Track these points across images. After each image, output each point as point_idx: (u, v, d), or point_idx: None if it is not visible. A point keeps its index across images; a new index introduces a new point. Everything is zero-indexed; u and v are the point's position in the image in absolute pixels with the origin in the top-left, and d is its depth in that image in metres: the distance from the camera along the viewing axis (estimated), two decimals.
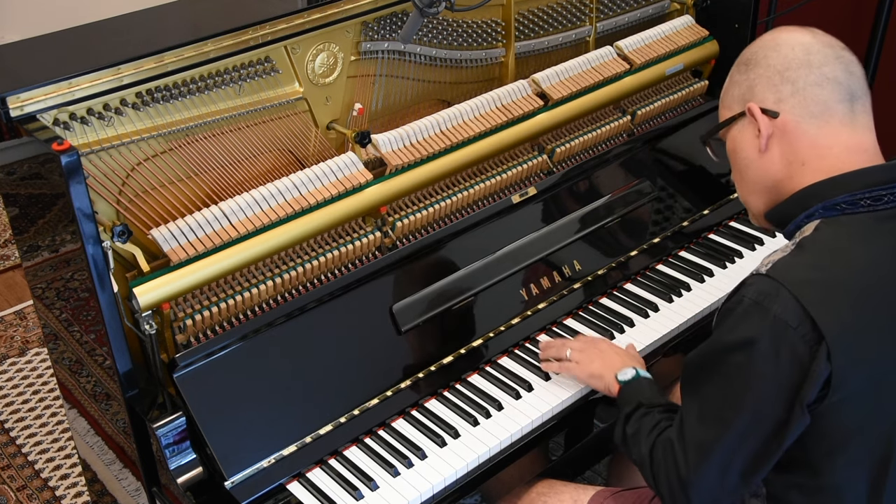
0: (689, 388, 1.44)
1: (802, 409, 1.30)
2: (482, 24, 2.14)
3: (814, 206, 1.39)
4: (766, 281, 1.33)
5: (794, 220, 1.43)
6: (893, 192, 1.36)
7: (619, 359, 1.74)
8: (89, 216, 1.49)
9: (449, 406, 1.80)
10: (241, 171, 1.83)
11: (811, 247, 1.36)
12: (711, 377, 1.38)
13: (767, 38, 1.47)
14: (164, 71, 1.68)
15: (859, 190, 1.36)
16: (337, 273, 1.83)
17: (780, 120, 1.41)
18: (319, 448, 1.69)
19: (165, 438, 1.59)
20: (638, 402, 1.59)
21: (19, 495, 2.68)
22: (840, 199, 1.37)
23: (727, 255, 2.16)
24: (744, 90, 1.46)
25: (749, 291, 1.34)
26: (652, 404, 1.58)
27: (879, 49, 3.14)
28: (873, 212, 1.36)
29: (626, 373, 1.68)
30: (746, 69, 1.47)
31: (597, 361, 1.75)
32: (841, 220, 1.37)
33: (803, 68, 1.40)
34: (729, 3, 2.45)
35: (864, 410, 1.33)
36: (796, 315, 1.28)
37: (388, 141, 1.91)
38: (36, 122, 1.56)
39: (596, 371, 1.74)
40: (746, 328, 1.32)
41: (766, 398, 1.32)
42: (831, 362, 1.28)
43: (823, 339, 1.27)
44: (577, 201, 2.13)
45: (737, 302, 1.36)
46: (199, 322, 1.67)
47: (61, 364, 2.07)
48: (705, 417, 1.39)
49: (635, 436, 1.54)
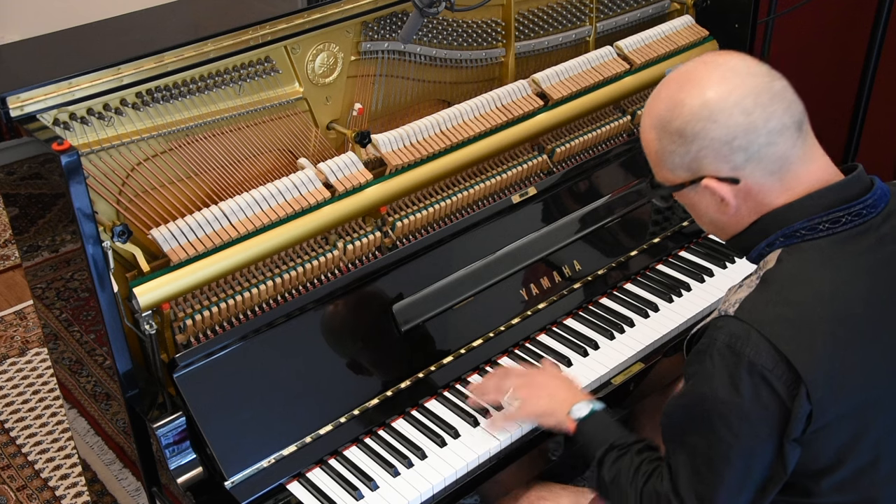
0: (675, 438, 1.40)
1: (791, 443, 1.29)
2: (482, 24, 2.14)
3: (773, 233, 1.37)
4: (735, 323, 1.30)
5: (756, 247, 1.40)
6: (851, 211, 1.34)
7: (567, 393, 1.66)
8: (89, 216, 1.49)
9: (449, 406, 1.79)
10: (241, 171, 1.83)
11: (775, 281, 1.34)
12: (697, 429, 1.35)
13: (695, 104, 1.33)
14: (164, 71, 1.68)
15: (817, 214, 1.34)
16: (337, 273, 1.83)
17: (742, 185, 1.36)
18: (319, 448, 1.69)
19: (165, 438, 1.59)
20: (609, 444, 1.52)
21: (19, 495, 2.68)
22: (798, 226, 1.34)
23: (727, 255, 2.16)
24: (688, 161, 1.36)
25: (720, 335, 1.32)
26: (624, 444, 1.52)
27: (879, 49, 3.14)
28: (832, 234, 1.33)
29: (580, 409, 1.60)
30: (683, 141, 1.35)
31: (543, 398, 1.66)
32: (802, 247, 1.34)
33: (750, 134, 1.31)
34: (729, 3, 2.45)
35: (847, 434, 1.32)
36: (770, 357, 1.27)
37: (388, 141, 1.91)
38: (36, 122, 1.56)
39: (544, 409, 1.65)
40: (723, 375, 1.30)
41: (755, 441, 1.30)
42: (811, 400, 1.26)
43: (801, 378, 1.26)
44: (577, 201, 2.13)
45: (708, 345, 1.33)
46: (199, 322, 1.67)
47: (61, 364, 2.07)
48: (699, 470, 1.35)
49: (615, 482, 1.48)
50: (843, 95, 3.29)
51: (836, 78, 3.30)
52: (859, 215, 1.34)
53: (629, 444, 1.52)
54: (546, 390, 1.68)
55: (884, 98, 3.24)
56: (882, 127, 3.30)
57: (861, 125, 3.26)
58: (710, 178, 1.36)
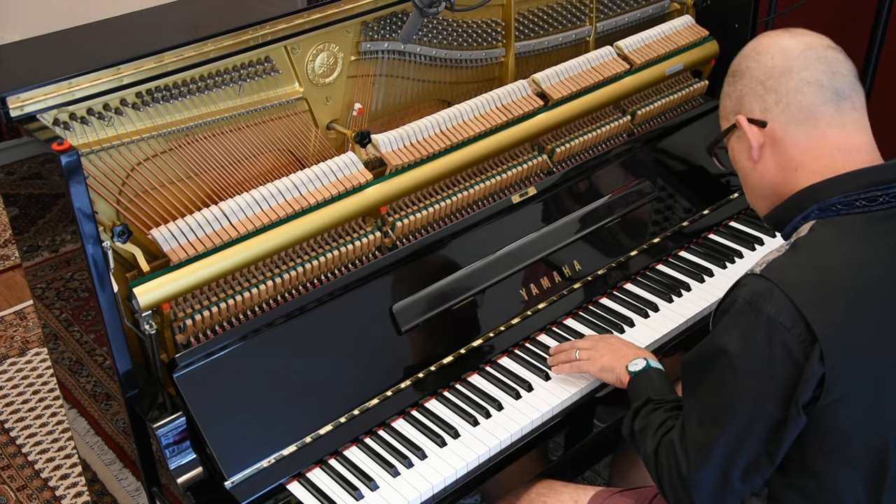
0: (688, 389, 1.45)
1: (798, 410, 1.30)
2: (482, 24, 2.14)
3: (809, 207, 1.40)
4: (760, 281, 1.33)
5: (791, 221, 1.43)
6: (889, 192, 1.36)
7: (630, 350, 1.76)
8: (89, 216, 1.49)
9: (449, 406, 1.80)
10: (241, 171, 1.83)
11: (805, 247, 1.37)
12: (707, 378, 1.39)
13: (750, 46, 1.48)
14: (164, 71, 1.68)
15: (854, 191, 1.37)
16: (337, 273, 1.83)
17: (768, 129, 1.42)
18: (319, 448, 1.69)
19: (165, 438, 1.59)
20: (647, 398, 1.60)
21: (19, 495, 2.68)
22: (835, 201, 1.37)
23: (727, 255, 2.16)
24: (734, 101, 1.47)
25: (743, 292, 1.34)
26: (661, 400, 1.58)
27: (879, 49, 3.14)
28: (868, 212, 1.36)
29: (637, 363, 1.69)
30: (734, 80, 1.48)
31: (607, 355, 1.77)
32: (836, 220, 1.37)
33: (784, 76, 1.40)
34: (729, 3, 2.45)
35: (860, 413, 1.33)
36: (790, 316, 1.29)
37: (388, 141, 1.91)
38: (36, 122, 1.56)
39: (607, 364, 1.75)
40: (740, 329, 1.33)
41: (760, 399, 1.32)
42: (824, 363, 1.28)
43: (817, 340, 1.27)
44: (577, 201, 2.13)
45: (731, 303, 1.36)
46: (199, 322, 1.67)
47: (61, 364, 2.07)
48: (703, 419, 1.39)
49: (643, 432, 1.55)
50: None
51: None
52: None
53: (665, 401, 1.58)
54: (611, 349, 1.78)
55: (884, 98, 3.24)
56: (882, 127, 3.29)
57: None
58: (743, 116, 1.44)
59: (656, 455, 1.48)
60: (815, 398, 1.30)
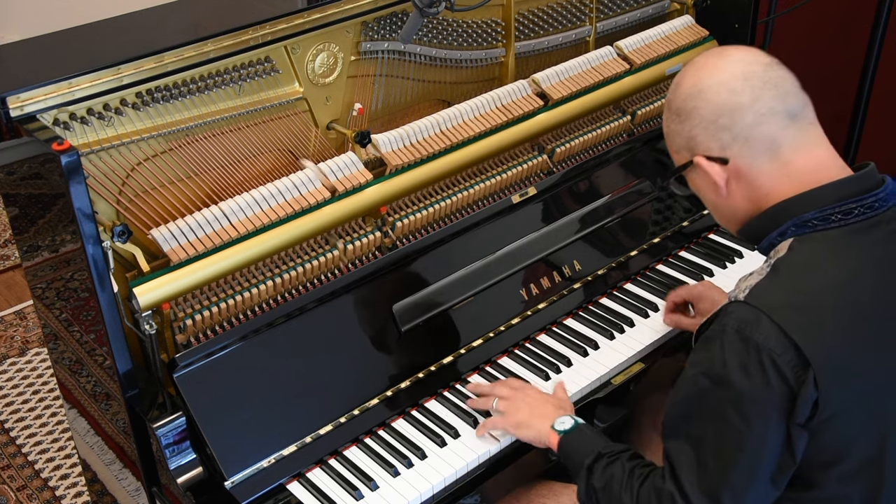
0: (677, 431, 1.39)
1: (796, 427, 1.29)
2: (482, 24, 2.14)
3: (785, 223, 1.38)
4: (746, 308, 1.31)
5: (767, 236, 1.41)
6: (863, 203, 1.35)
7: (549, 408, 1.67)
8: (89, 216, 1.49)
9: (449, 406, 1.80)
10: (241, 171, 1.83)
11: (786, 268, 1.35)
12: (704, 417, 1.34)
13: (689, 83, 1.42)
14: (164, 71, 1.68)
15: (829, 205, 1.35)
16: (337, 273, 1.83)
17: (731, 165, 1.40)
18: (319, 448, 1.69)
19: (165, 438, 1.59)
20: (597, 452, 1.52)
21: (19, 495, 2.68)
22: (810, 216, 1.36)
23: (727, 255, 2.16)
24: (685, 140, 1.43)
25: (730, 320, 1.32)
26: (613, 452, 1.51)
27: (879, 49, 3.14)
28: (845, 226, 1.35)
29: (564, 422, 1.61)
30: (680, 120, 1.43)
31: (523, 410, 1.68)
32: (814, 236, 1.36)
33: (736, 112, 1.37)
34: (729, 3, 2.45)
35: (853, 426, 1.32)
36: (780, 342, 1.27)
37: (388, 141, 1.91)
38: (36, 122, 1.56)
39: (523, 420, 1.66)
40: (733, 361, 1.30)
41: (766, 425, 1.29)
42: (818, 387, 1.27)
43: (809, 364, 1.26)
44: (577, 201, 2.13)
45: (718, 331, 1.33)
46: (199, 322, 1.67)
47: (61, 364, 2.07)
48: (705, 462, 1.34)
49: (607, 489, 1.46)
50: (843, 95, 3.29)
51: (836, 78, 3.30)
52: (871, 208, 1.36)
53: (618, 452, 1.51)
54: (527, 403, 1.69)
55: (884, 98, 3.24)
56: (882, 127, 3.30)
57: (861, 125, 3.26)
58: (701, 156, 1.41)
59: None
60: (811, 416, 1.29)
